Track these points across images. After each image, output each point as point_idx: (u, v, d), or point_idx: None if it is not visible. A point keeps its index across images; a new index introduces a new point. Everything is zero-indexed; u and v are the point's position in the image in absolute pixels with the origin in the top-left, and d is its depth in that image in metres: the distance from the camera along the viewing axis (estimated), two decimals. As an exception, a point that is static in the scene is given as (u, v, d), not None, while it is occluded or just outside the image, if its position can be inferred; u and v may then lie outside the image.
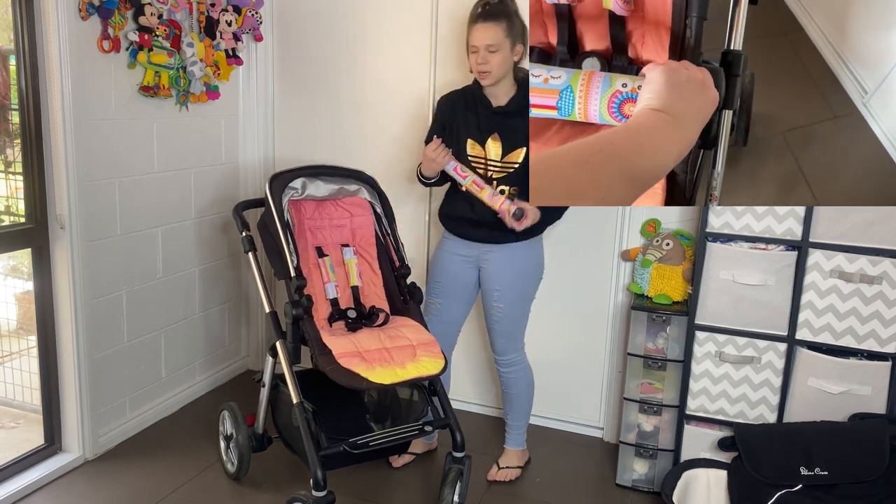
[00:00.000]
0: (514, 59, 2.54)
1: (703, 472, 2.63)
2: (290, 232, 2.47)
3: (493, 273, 2.71)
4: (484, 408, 3.48)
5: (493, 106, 2.60)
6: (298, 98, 3.53)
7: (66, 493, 2.70)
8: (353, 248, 2.71)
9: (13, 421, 3.13)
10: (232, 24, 3.23)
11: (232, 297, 3.69)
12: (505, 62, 2.51)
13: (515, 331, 2.79)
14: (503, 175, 2.60)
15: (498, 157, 2.60)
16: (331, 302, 2.62)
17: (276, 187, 2.52)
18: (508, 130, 2.58)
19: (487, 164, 2.62)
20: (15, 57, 2.58)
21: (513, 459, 2.94)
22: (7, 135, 2.79)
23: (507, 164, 2.60)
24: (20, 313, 3.34)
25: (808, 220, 2.52)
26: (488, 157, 2.62)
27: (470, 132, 2.64)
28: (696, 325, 2.70)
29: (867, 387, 2.52)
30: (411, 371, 2.32)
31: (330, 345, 2.36)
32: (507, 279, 2.70)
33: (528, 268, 2.73)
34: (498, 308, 2.74)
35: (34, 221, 2.69)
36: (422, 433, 2.44)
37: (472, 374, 3.44)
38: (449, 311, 2.81)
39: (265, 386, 2.70)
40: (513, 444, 2.96)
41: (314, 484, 2.25)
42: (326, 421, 2.42)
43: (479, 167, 2.63)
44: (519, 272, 2.71)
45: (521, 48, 2.53)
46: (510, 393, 2.89)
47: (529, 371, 2.89)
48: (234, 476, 2.81)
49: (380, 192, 2.75)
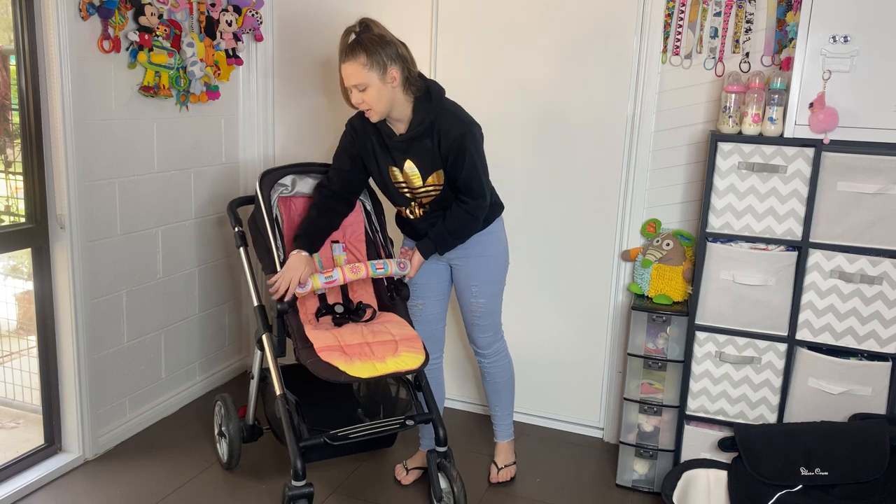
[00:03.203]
0: (392, 86, 2.37)
1: (703, 472, 2.63)
2: (278, 227, 2.52)
3: (465, 270, 2.67)
4: (465, 404, 3.47)
5: (397, 134, 2.48)
6: (298, 98, 3.53)
7: (66, 493, 2.70)
8: (342, 245, 2.73)
9: (13, 421, 3.13)
10: (232, 24, 3.23)
11: (232, 297, 3.69)
12: (381, 95, 2.36)
13: (496, 322, 2.78)
14: (432, 198, 2.54)
15: (421, 182, 2.52)
16: (319, 297, 2.64)
17: (265, 184, 2.57)
18: (420, 153, 2.47)
19: (414, 191, 2.55)
20: (15, 57, 2.58)
21: (509, 455, 2.93)
22: (7, 135, 2.79)
23: (429, 188, 2.52)
24: (20, 313, 3.34)
25: (809, 221, 2.51)
26: (412, 185, 2.54)
27: (387, 161, 2.54)
28: (697, 326, 2.69)
29: (867, 387, 2.52)
30: (390, 365, 2.33)
31: (312, 338, 2.40)
32: (481, 272, 2.66)
33: (496, 255, 2.68)
34: (479, 304, 2.70)
35: (34, 221, 2.68)
36: (403, 427, 2.46)
37: (452, 370, 3.42)
38: (430, 309, 2.79)
39: (254, 378, 2.77)
40: (503, 436, 2.94)
41: (293, 474, 2.29)
42: (313, 413, 2.48)
43: (407, 193, 2.57)
44: (490, 262, 2.67)
45: (395, 72, 2.36)
46: (497, 382, 2.86)
47: (510, 358, 2.88)
48: (227, 466, 2.86)
49: (370, 190, 2.76)
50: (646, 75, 2.92)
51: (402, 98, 2.42)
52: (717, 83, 2.84)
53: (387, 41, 2.36)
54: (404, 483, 2.87)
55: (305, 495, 2.29)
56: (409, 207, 2.62)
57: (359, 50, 2.34)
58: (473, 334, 2.79)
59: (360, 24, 2.40)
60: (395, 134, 2.49)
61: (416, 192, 2.55)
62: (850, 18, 2.40)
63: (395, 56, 2.36)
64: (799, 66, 2.47)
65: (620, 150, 3.03)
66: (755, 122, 2.56)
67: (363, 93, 2.36)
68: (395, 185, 2.57)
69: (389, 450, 3.05)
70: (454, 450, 2.66)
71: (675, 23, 2.86)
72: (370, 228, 2.76)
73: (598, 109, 3.04)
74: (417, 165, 2.49)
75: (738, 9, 2.77)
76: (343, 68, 2.38)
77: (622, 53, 2.97)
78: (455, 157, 2.42)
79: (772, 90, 2.54)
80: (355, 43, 2.36)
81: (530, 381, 3.32)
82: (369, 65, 2.33)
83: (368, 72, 2.33)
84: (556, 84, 3.07)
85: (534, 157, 3.16)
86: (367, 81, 2.34)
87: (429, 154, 2.46)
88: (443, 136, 2.42)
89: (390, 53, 2.35)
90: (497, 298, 2.74)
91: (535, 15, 3.06)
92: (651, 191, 3.02)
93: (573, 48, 3.03)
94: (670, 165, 2.97)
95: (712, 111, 2.86)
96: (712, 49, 2.83)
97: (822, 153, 2.46)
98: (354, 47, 2.35)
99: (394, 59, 2.36)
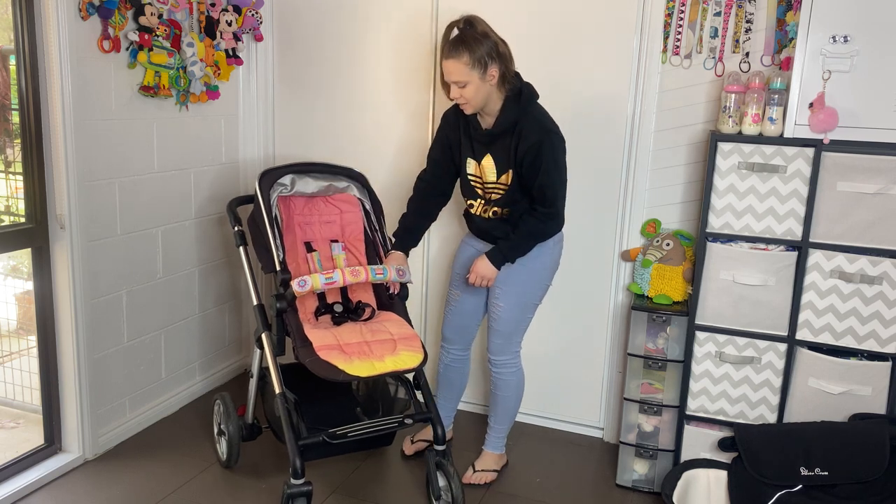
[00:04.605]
0: (490, 83, 2.44)
1: (703, 472, 2.64)
2: (277, 227, 2.53)
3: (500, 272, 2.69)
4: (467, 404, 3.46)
5: (483, 128, 2.58)
6: (298, 98, 3.53)
7: (66, 493, 2.70)
8: (341, 244, 2.75)
9: (13, 421, 3.13)
10: (232, 24, 3.23)
11: (232, 297, 3.69)
12: (479, 91, 2.44)
13: (513, 333, 2.77)
14: (499, 196, 2.60)
15: (494, 178, 2.59)
16: (318, 296, 2.64)
17: (265, 183, 2.59)
18: (500, 150, 2.55)
19: (485, 186, 2.63)
20: (15, 57, 2.58)
21: (489, 463, 2.91)
22: (7, 135, 2.79)
23: (500, 185, 2.59)
24: (20, 313, 3.34)
25: (809, 221, 2.51)
26: (485, 180, 2.61)
27: (467, 152, 2.63)
28: (697, 326, 2.69)
29: (867, 387, 2.52)
30: (389, 364, 2.35)
31: (311, 337, 2.41)
32: (510, 279, 2.69)
33: (534, 272, 2.70)
34: (497, 306, 2.74)
35: (34, 221, 2.68)
36: (401, 425, 2.47)
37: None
38: (466, 302, 2.83)
39: (253, 377, 2.78)
40: (491, 447, 2.93)
41: (292, 472, 2.30)
42: (312, 412, 2.49)
43: (478, 187, 2.65)
44: (524, 274, 2.68)
45: (495, 70, 2.42)
46: (497, 394, 2.87)
47: (521, 376, 2.87)
48: (226, 464, 2.86)
49: (369, 189, 2.79)
50: (646, 75, 2.92)
51: (496, 95, 2.49)
52: (717, 83, 2.83)
53: (489, 39, 2.42)
54: (407, 453, 2.97)
55: (304, 493, 2.30)
56: (475, 201, 2.67)
57: (462, 48, 2.40)
58: (488, 335, 2.82)
59: (464, 20, 2.45)
60: (480, 127, 2.57)
61: (487, 187, 2.61)
62: (850, 18, 2.40)
63: (495, 54, 2.43)
64: (799, 66, 2.47)
65: (620, 149, 3.03)
66: (755, 122, 2.56)
67: (462, 89, 2.44)
68: (469, 176, 2.64)
69: (389, 449, 3.06)
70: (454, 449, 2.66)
71: (675, 22, 2.86)
72: (369, 228, 2.77)
73: (597, 109, 3.03)
74: (495, 161, 2.56)
75: (738, 9, 2.77)
76: (445, 64, 2.44)
77: (622, 53, 2.97)
78: (531, 162, 2.48)
79: (772, 90, 2.54)
80: (459, 41, 2.41)
81: (530, 381, 3.29)
82: (471, 63, 2.40)
83: (470, 70, 2.40)
84: (555, 84, 3.06)
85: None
86: (468, 79, 2.42)
87: (507, 153, 2.52)
88: (522, 138, 2.47)
89: (491, 52, 2.42)
90: (518, 310, 2.73)
91: (534, 15, 3.06)
92: (651, 191, 3.02)
93: (573, 48, 3.03)
94: (670, 165, 2.97)
95: (712, 111, 2.86)
96: (712, 49, 2.83)
97: (822, 153, 2.46)
98: (458, 45, 2.41)
99: (494, 58, 2.42)
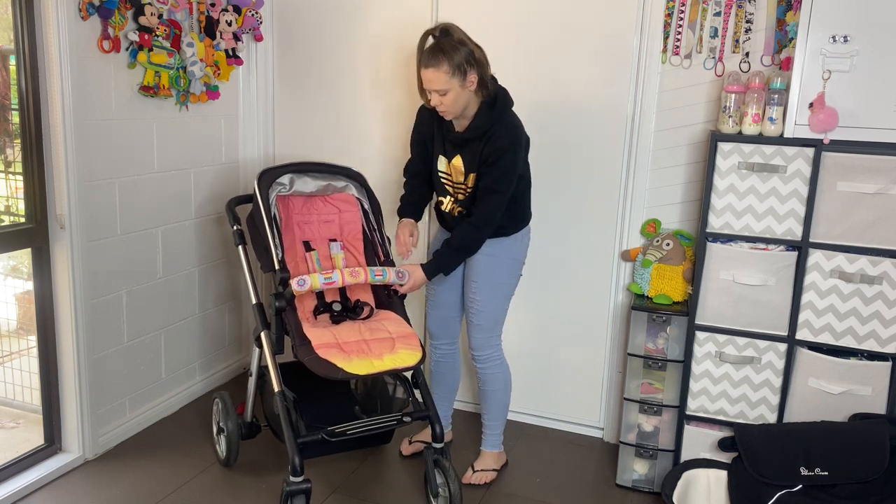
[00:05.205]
0: (470, 89, 2.48)
1: (703, 472, 2.63)
2: (276, 226, 2.55)
3: (473, 264, 2.73)
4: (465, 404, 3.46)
5: (456, 130, 2.61)
6: (298, 98, 3.53)
7: (66, 493, 2.70)
8: (340, 243, 2.76)
9: (13, 421, 3.13)
10: (232, 24, 3.23)
11: (231, 297, 3.69)
12: (459, 98, 2.47)
13: (493, 326, 2.79)
14: (464, 197, 2.65)
15: (462, 178, 2.62)
16: (317, 295, 2.65)
17: (263, 182, 2.60)
18: (469, 153, 2.58)
19: (454, 185, 2.67)
20: (15, 57, 2.58)
21: (489, 462, 2.91)
22: (7, 135, 2.79)
23: (466, 186, 2.63)
24: (20, 313, 3.34)
25: (809, 221, 2.51)
26: (454, 179, 2.65)
27: (439, 149, 2.67)
28: (697, 326, 2.69)
29: (867, 387, 2.52)
30: (388, 363, 2.36)
31: (310, 336, 2.41)
32: (486, 273, 2.71)
33: (505, 261, 2.73)
34: (476, 301, 2.75)
35: (34, 221, 2.68)
36: (400, 424, 2.49)
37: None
38: (442, 296, 2.86)
39: (252, 375, 2.79)
40: (489, 445, 2.93)
41: (291, 470, 2.31)
42: (311, 410, 2.50)
43: (448, 185, 2.69)
44: (496, 262, 2.71)
45: (473, 76, 2.46)
46: (486, 390, 2.87)
47: (506, 368, 2.87)
48: (225, 463, 2.86)
49: (367, 189, 2.80)
50: (646, 75, 2.92)
51: (473, 99, 2.52)
52: (717, 83, 2.83)
53: (465, 46, 2.44)
54: (405, 453, 2.98)
55: (303, 491, 2.31)
56: (445, 198, 2.72)
57: (441, 57, 2.41)
58: (469, 331, 2.83)
59: (440, 29, 2.47)
60: (454, 129, 2.60)
61: (456, 186, 2.65)
62: (850, 18, 2.40)
63: (473, 61, 2.45)
64: (799, 66, 2.47)
65: (620, 149, 3.03)
66: (755, 121, 2.56)
67: (443, 96, 2.46)
68: (439, 172, 2.68)
69: (389, 449, 3.06)
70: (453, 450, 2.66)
71: (675, 22, 2.85)
72: (368, 227, 2.79)
73: (597, 109, 3.03)
74: (464, 162, 2.59)
75: (738, 9, 2.77)
76: (424, 73, 2.46)
77: (622, 53, 2.96)
78: (490, 165, 2.52)
79: (772, 90, 2.54)
80: (437, 49, 2.43)
81: (530, 381, 3.32)
82: (451, 71, 2.42)
83: (450, 78, 2.43)
84: (555, 84, 3.07)
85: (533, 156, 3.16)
86: (449, 87, 2.44)
87: (474, 156, 2.55)
88: (489, 142, 2.51)
89: (469, 58, 2.44)
90: (495, 302, 2.76)
91: (534, 15, 3.06)
92: (651, 191, 3.02)
93: (573, 48, 3.03)
94: (670, 165, 2.97)
95: (712, 111, 2.86)
96: (712, 49, 2.83)
97: (821, 153, 2.46)
98: (437, 54, 2.42)
99: (472, 64, 2.45)
